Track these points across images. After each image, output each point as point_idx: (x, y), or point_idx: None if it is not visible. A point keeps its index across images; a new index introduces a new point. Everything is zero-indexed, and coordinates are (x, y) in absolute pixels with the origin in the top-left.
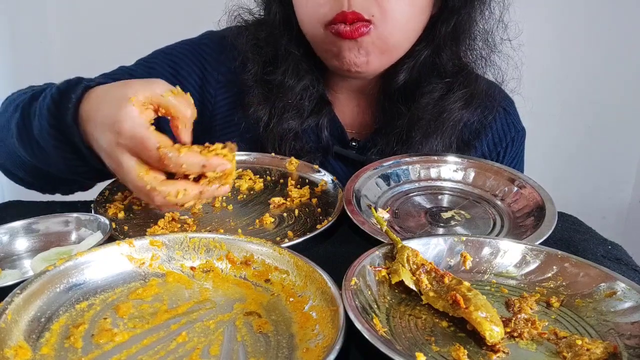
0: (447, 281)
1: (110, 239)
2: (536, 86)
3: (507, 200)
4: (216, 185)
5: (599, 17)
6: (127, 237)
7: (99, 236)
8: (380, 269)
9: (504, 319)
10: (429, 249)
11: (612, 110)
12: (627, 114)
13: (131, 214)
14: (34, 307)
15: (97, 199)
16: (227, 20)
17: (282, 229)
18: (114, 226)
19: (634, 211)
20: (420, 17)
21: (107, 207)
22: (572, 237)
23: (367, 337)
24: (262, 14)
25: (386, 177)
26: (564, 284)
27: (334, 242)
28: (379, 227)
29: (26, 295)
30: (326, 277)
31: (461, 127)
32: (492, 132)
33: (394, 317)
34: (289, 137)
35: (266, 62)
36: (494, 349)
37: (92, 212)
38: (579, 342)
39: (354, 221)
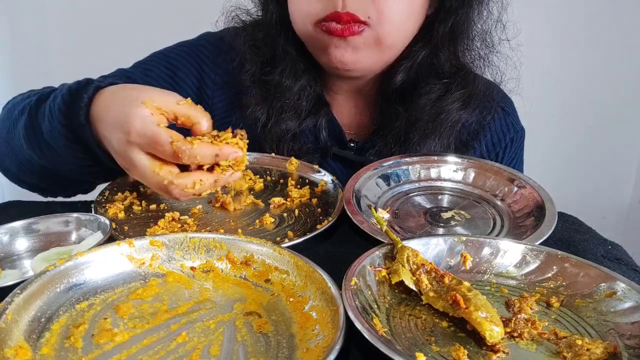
0: (447, 281)
1: (110, 239)
2: (536, 86)
3: (507, 200)
4: (230, 172)
5: (599, 17)
6: (127, 237)
7: (99, 236)
8: (380, 269)
9: (504, 319)
10: (429, 249)
11: (612, 110)
12: (627, 114)
13: (131, 214)
14: (34, 307)
15: (98, 199)
16: (225, 21)
17: (282, 229)
18: (114, 226)
19: (634, 211)
20: (416, 17)
21: (107, 207)
22: (572, 237)
23: (367, 337)
24: (260, 15)
25: (386, 177)
26: (564, 284)
27: (334, 242)
28: (379, 227)
29: (26, 295)
30: (326, 277)
31: (459, 128)
32: (490, 133)
33: (394, 317)
34: (287, 138)
35: (264, 62)
36: (494, 349)
37: (93, 212)
38: (579, 342)
39: (354, 221)
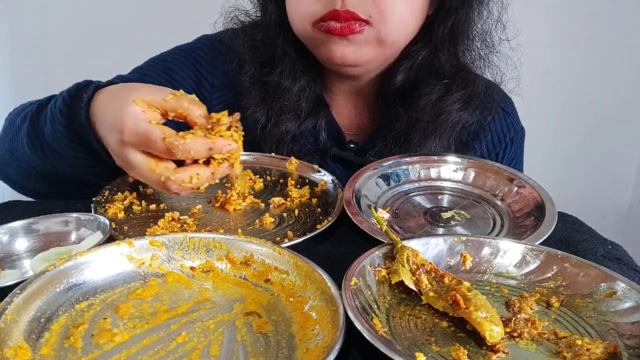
0: (447, 281)
1: (110, 239)
2: (536, 86)
3: (507, 200)
4: (226, 164)
5: (599, 17)
6: (127, 237)
7: (98, 236)
8: (380, 269)
9: (504, 319)
10: (429, 249)
11: (612, 110)
12: (627, 114)
13: (131, 214)
14: (33, 307)
15: (97, 199)
16: (224, 22)
17: (282, 229)
18: (113, 226)
19: (634, 211)
20: (417, 15)
21: (107, 207)
22: (572, 237)
23: (367, 337)
24: (259, 15)
25: (386, 177)
26: (564, 284)
27: (334, 242)
28: (379, 227)
29: (26, 295)
30: (326, 277)
31: (460, 128)
32: (491, 133)
33: (394, 317)
34: (286, 139)
35: (263, 63)
36: (494, 349)
37: (92, 212)
38: (579, 342)
39: (354, 221)
